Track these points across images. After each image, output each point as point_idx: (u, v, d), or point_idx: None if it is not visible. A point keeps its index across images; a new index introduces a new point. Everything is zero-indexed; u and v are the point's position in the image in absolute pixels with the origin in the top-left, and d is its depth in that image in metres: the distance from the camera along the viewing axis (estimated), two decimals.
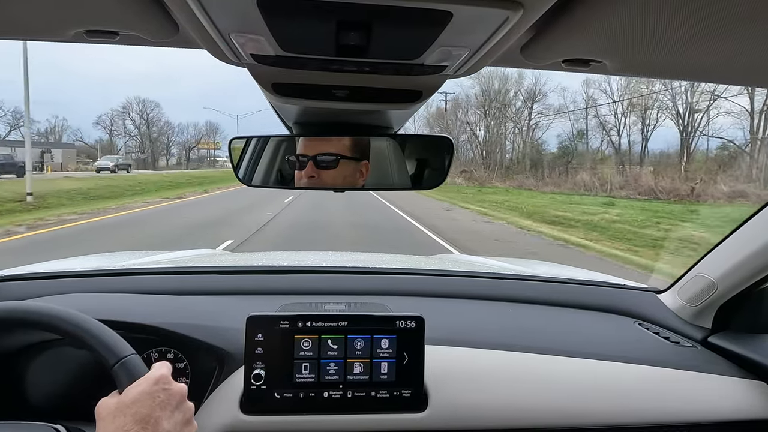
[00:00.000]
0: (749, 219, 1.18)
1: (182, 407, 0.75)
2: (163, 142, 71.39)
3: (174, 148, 74.51)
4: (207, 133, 75.45)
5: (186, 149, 73.96)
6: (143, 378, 0.74)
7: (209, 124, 79.47)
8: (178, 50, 0.59)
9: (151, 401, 0.71)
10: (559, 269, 2.20)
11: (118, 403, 0.71)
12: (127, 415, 0.68)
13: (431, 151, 1.05)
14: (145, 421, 0.68)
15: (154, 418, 0.69)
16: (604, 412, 1.08)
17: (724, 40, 0.57)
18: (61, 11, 0.58)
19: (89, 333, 0.78)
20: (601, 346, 1.22)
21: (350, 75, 0.70)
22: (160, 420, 0.70)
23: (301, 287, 1.47)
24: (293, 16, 0.51)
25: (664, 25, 0.54)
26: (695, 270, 1.35)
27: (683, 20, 0.52)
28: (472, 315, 1.39)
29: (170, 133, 72.64)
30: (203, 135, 73.78)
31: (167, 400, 0.72)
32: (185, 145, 73.78)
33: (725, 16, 0.50)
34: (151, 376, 0.74)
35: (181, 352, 1.10)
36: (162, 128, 70.55)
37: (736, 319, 1.30)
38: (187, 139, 74.07)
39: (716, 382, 1.15)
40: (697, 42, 0.58)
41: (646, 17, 0.52)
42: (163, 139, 71.01)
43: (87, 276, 1.42)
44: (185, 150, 73.82)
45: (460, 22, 0.50)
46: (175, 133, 73.40)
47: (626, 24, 0.54)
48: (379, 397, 1.02)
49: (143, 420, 0.68)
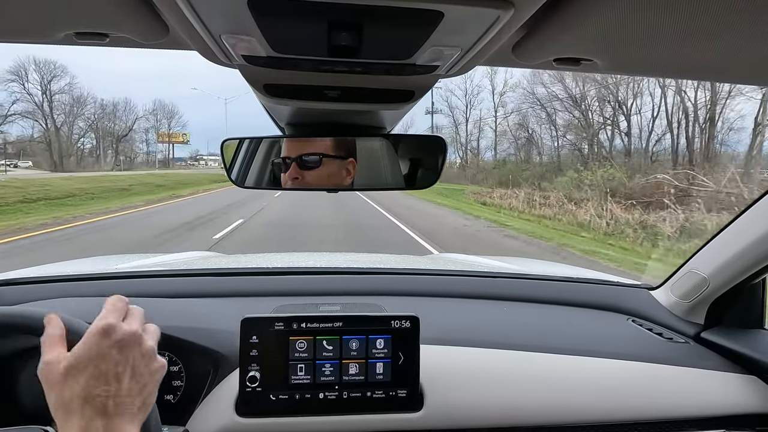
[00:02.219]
0: (740, 215, 1.19)
1: (141, 349, 0.68)
2: (82, 129, 52.46)
3: (115, 142, 56.05)
4: (159, 119, 59.19)
5: (115, 140, 55.16)
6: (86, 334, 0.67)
7: (160, 105, 60.66)
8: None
9: (100, 352, 0.64)
10: (552, 267, 2.21)
11: (66, 367, 0.64)
12: (80, 375, 0.63)
13: (424, 151, 1.05)
14: (103, 374, 0.63)
15: (109, 368, 0.64)
16: (599, 408, 1.08)
17: (713, 38, 0.57)
18: (50, 13, 0.58)
19: (7, 314, 0.77)
20: (596, 343, 1.22)
21: (342, 75, 0.70)
22: (117, 367, 0.64)
23: (295, 288, 1.47)
24: (284, 16, 0.51)
25: (653, 24, 0.54)
26: (687, 266, 1.36)
27: (673, 18, 0.52)
28: (466, 314, 1.39)
29: (102, 117, 53.49)
30: (152, 121, 56.21)
31: (120, 345, 0.66)
32: (118, 136, 55.19)
33: (714, 14, 0.51)
34: (93, 329, 0.67)
35: (175, 355, 1.09)
36: (79, 106, 50.78)
37: (728, 314, 1.32)
38: (124, 127, 55.89)
39: (709, 377, 1.16)
40: (686, 40, 0.58)
41: (636, 16, 0.52)
42: (81, 124, 51.82)
43: (80, 280, 1.41)
44: (116, 142, 55.41)
45: (452, 21, 0.50)
46: (107, 115, 54.37)
47: (616, 22, 0.54)
48: (374, 397, 1.02)
49: (101, 374, 0.63)
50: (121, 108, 59.18)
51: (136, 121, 59.75)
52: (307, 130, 1.01)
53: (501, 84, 49.06)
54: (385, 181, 1.03)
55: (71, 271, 1.50)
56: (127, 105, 62.87)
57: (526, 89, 34.63)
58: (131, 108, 60.87)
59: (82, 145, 57.12)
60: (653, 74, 0.80)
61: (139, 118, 60.03)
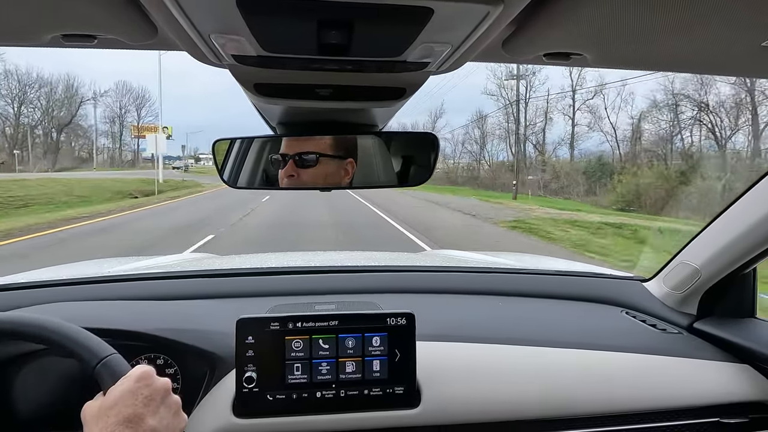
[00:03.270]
0: (730, 205, 1.21)
1: (167, 401, 0.73)
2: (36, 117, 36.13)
3: (56, 131, 39.16)
4: (124, 105, 43.78)
5: (56, 130, 38.58)
6: (125, 377, 0.73)
7: (125, 88, 43.91)
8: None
9: (134, 399, 0.69)
10: (546, 261, 2.22)
11: (101, 405, 0.70)
12: (111, 416, 0.67)
13: (417, 148, 1.06)
14: (129, 420, 0.67)
15: (138, 415, 0.68)
16: (595, 400, 1.09)
17: (704, 30, 0.58)
18: (36, 16, 0.57)
19: (67, 337, 0.77)
20: (590, 336, 1.23)
21: (333, 74, 0.70)
22: (145, 417, 0.68)
23: (290, 288, 1.46)
24: (274, 15, 0.51)
25: (641, 18, 0.54)
26: (679, 257, 1.38)
27: (663, 11, 0.53)
28: (461, 310, 1.39)
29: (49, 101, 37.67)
30: (113, 108, 39.04)
31: (151, 396, 0.71)
32: (58, 125, 38.63)
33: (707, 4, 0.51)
34: (133, 374, 0.73)
35: (171, 357, 1.09)
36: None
37: (720, 304, 1.33)
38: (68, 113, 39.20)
39: (703, 366, 1.17)
40: (676, 32, 0.58)
41: (625, 9, 0.53)
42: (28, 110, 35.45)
43: (73, 284, 1.40)
44: (57, 132, 38.76)
45: (442, 18, 0.50)
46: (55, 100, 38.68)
47: (605, 16, 0.54)
48: (372, 395, 1.03)
49: (127, 420, 0.67)
50: (62, 88, 43.83)
51: (92, 105, 42.86)
52: (299, 128, 1.01)
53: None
54: (378, 179, 1.03)
55: (65, 275, 1.49)
56: (71, 82, 45.68)
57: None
58: (76, 87, 45.09)
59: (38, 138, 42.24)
60: (642, 67, 0.81)
61: (86, 101, 44.09)
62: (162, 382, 0.74)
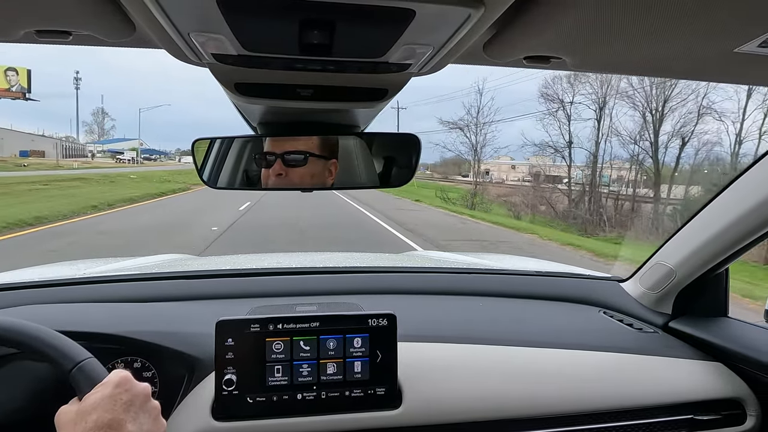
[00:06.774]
0: (704, 207, 1.24)
1: (147, 407, 0.72)
2: None
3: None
4: None
5: None
6: (103, 383, 0.71)
7: None
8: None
9: (113, 404, 0.68)
10: (526, 262, 2.25)
11: (78, 410, 0.68)
12: (89, 421, 0.66)
13: (398, 149, 1.06)
14: (108, 425, 0.66)
15: (118, 421, 0.67)
16: (573, 399, 1.11)
17: (679, 36, 0.59)
18: (10, 11, 0.55)
19: (41, 341, 0.75)
20: (569, 336, 1.25)
21: (315, 74, 0.70)
22: (124, 423, 0.67)
23: (271, 289, 1.45)
24: (255, 14, 0.50)
25: (622, 21, 0.55)
26: (655, 258, 1.41)
27: (641, 15, 0.54)
28: (443, 310, 1.40)
29: None
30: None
31: (131, 402, 0.69)
32: None
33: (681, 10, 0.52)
34: (111, 380, 0.71)
35: (148, 360, 1.07)
36: None
37: (694, 304, 1.36)
38: None
39: (677, 365, 1.20)
40: (652, 38, 0.59)
41: (605, 13, 0.53)
42: None
43: (46, 286, 1.37)
44: None
45: (423, 19, 0.50)
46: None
47: (585, 20, 0.55)
48: (353, 396, 1.02)
49: (107, 425, 0.66)
50: None
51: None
52: (280, 128, 1.00)
53: None
54: (360, 180, 1.03)
55: (37, 277, 1.45)
56: None
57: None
58: None
59: None
60: (620, 72, 0.82)
61: None
62: (142, 387, 0.73)
